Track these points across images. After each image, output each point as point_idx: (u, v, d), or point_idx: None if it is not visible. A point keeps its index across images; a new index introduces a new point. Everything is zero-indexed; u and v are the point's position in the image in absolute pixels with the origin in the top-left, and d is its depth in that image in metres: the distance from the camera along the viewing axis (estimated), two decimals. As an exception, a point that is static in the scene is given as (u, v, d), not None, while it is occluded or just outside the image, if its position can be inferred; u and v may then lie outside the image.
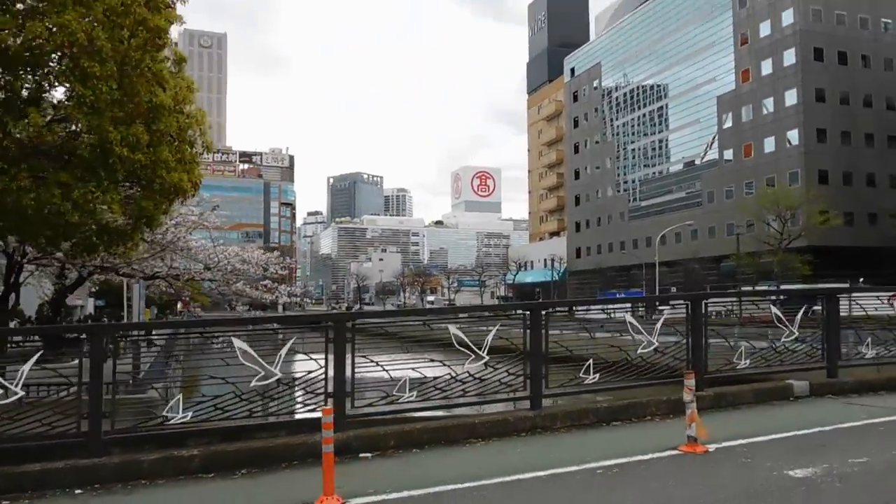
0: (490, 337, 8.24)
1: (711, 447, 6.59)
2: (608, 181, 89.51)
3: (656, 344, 9.12)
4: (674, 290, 65.18)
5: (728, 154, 70.61)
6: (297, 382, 7.63)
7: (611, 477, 5.99)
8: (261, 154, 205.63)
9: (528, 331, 8.43)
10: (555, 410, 8.46)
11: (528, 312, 8.59)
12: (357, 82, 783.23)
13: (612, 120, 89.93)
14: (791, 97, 63.34)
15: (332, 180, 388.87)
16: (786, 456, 6.28)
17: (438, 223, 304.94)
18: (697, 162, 74.99)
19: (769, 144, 65.68)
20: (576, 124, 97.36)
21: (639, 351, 9.06)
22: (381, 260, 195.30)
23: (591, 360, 8.72)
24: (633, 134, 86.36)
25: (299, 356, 7.63)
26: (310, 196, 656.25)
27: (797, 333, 10.08)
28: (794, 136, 63.31)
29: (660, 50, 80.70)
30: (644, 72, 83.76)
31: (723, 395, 9.16)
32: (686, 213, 72.48)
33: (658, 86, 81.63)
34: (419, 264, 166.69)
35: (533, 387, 8.37)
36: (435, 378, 8.09)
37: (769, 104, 65.58)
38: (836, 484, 5.37)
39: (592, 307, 12.85)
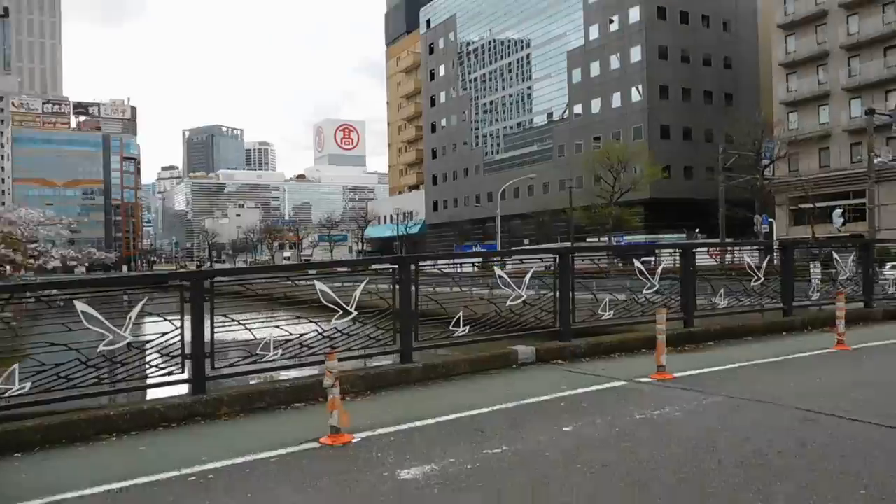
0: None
1: (359, 436, 5.64)
2: (464, 134, 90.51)
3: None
4: (527, 242, 67.22)
5: (578, 108, 73.02)
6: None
7: (204, 485, 4.77)
8: (98, 105, 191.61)
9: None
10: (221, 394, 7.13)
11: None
12: (218, 33, 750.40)
13: (467, 73, 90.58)
14: (636, 54, 66.12)
15: (188, 133, 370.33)
16: (425, 447, 5.33)
17: (301, 177, 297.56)
18: (557, 116, 77.10)
19: (616, 100, 68.47)
20: (432, 77, 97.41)
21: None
22: (238, 216, 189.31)
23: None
24: (488, 88, 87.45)
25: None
26: (166, 150, 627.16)
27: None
28: (637, 92, 66.31)
29: (514, 4, 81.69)
30: (498, 25, 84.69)
31: (434, 366, 8.14)
32: (539, 167, 74.62)
33: (512, 40, 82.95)
34: (278, 220, 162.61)
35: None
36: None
37: (616, 60, 68.14)
38: (433, 491, 4.40)
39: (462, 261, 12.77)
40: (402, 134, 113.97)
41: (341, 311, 7.66)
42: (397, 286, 8.17)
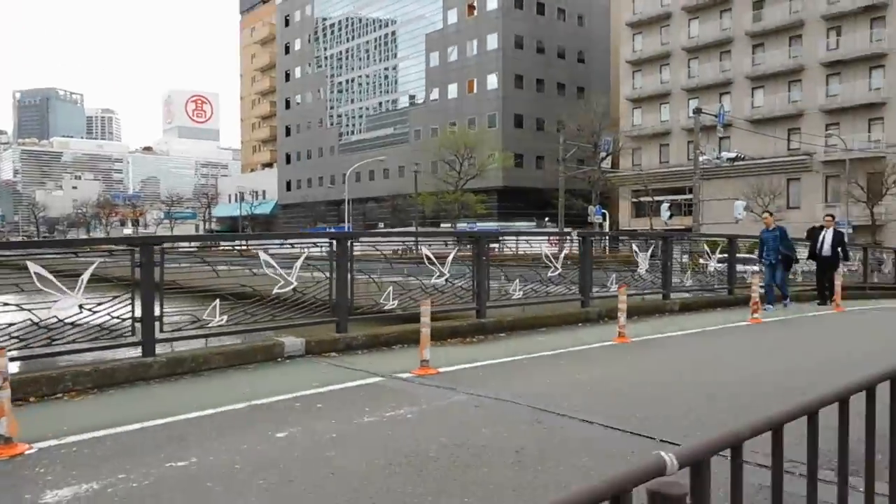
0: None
1: (38, 446, 4.85)
2: (320, 113, 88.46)
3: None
4: (381, 226, 66.73)
5: (435, 93, 73.02)
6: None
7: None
8: None
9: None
10: None
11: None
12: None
13: (324, 49, 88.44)
14: (493, 41, 66.77)
15: (18, 95, 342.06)
16: (103, 459, 4.60)
17: (147, 150, 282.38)
18: (414, 100, 76.67)
19: (472, 86, 69.00)
20: (287, 50, 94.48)
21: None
22: (74, 188, 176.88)
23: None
24: (345, 66, 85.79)
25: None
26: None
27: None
28: (493, 79, 67.07)
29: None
30: (357, 2, 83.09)
31: (181, 360, 7.35)
32: (395, 150, 74.21)
33: (371, 18, 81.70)
34: (119, 195, 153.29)
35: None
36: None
37: (473, 46, 68.58)
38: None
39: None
40: (256, 109, 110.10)
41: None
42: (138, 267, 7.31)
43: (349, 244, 8.98)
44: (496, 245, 13.65)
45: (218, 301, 7.89)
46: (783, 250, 14.22)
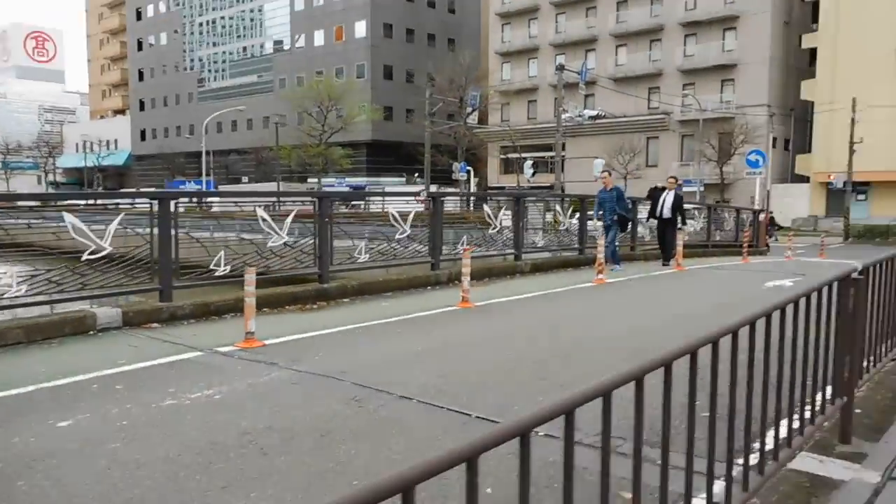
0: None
1: None
2: (177, 56, 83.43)
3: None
4: (245, 180, 64.39)
5: (301, 40, 70.47)
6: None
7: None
8: None
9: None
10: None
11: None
12: None
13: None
14: (360, -15, 64.97)
15: None
16: None
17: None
18: (279, 46, 73.61)
19: (339, 34, 67.01)
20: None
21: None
22: None
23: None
24: (205, 5, 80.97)
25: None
26: None
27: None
28: (362, 27, 65.40)
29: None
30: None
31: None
32: (259, 99, 71.40)
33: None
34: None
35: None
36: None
37: (339, -10, 66.54)
38: None
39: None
40: (105, 49, 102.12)
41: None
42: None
43: (169, 204, 8.29)
44: (360, 203, 13.30)
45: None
46: (619, 211, 14.19)
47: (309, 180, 61.29)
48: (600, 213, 14.31)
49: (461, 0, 72.52)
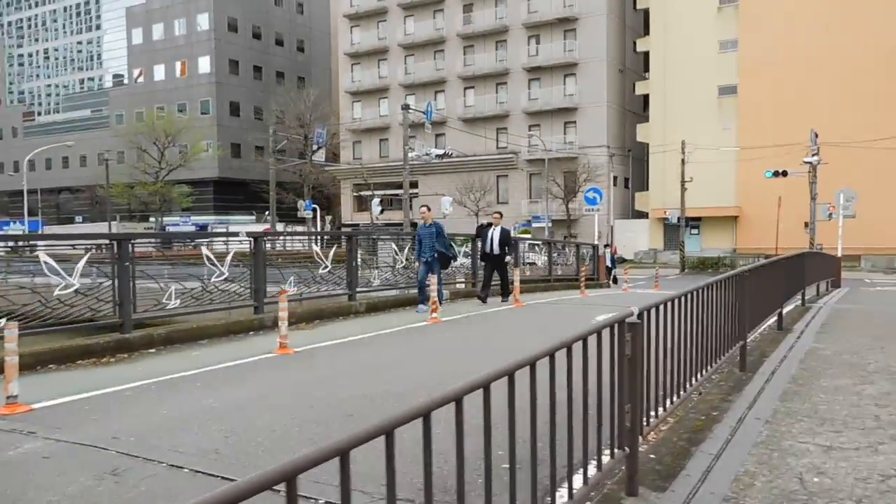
0: None
1: None
2: (-1, 88, 77.74)
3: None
4: (79, 219, 60.29)
5: (141, 75, 67.46)
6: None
7: None
8: None
9: None
10: None
11: None
12: None
13: (2, 15, 77.65)
14: (204, 21, 63.11)
15: None
16: None
17: None
18: (116, 80, 70.01)
19: (180, 69, 64.69)
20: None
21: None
22: None
23: None
24: (29, 36, 75.96)
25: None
26: None
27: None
28: (206, 63, 63.47)
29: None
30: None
31: None
32: (94, 135, 67.39)
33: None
34: None
35: None
36: None
37: (181, 25, 64.28)
38: None
39: None
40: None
41: None
42: None
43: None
44: (197, 242, 12.32)
45: None
46: (438, 248, 13.40)
47: (151, 219, 58.16)
48: (419, 250, 13.52)
49: (311, 39, 72.04)
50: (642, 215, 55.36)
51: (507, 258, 15.26)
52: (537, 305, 15.07)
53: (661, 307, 4.44)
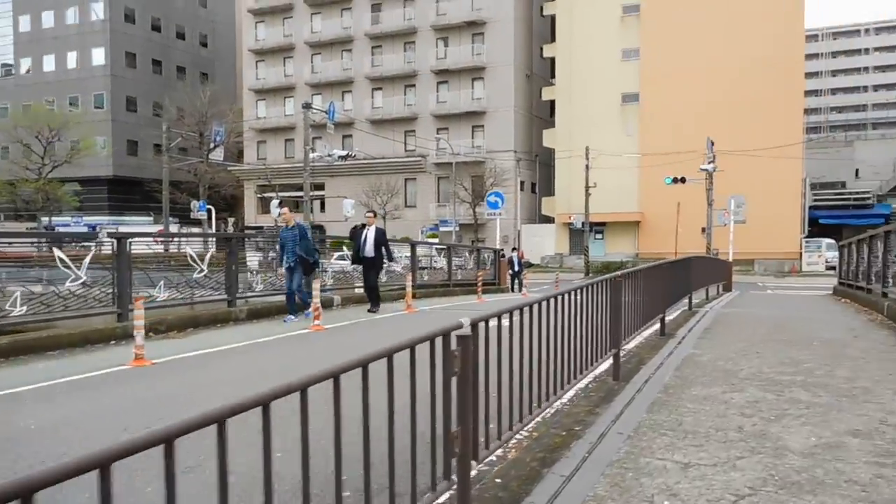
0: None
1: None
2: None
3: None
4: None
5: (26, 63, 63.78)
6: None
7: None
8: None
9: None
10: None
11: None
12: None
13: None
14: (99, 10, 60.25)
15: None
16: None
17: None
18: (12, 70, 65.88)
19: (73, 60, 61.55)
20: None
21: None
22: None
23: None
24: None
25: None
26: None
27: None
28: (100, 55, 60.59)
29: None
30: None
31: None
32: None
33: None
34: None
35: None
36: None
37: (73, 14, 61.18)
38: None
39: None
40: None
41: None
42: None
43: None
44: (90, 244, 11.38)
45: None
46: (300, 252, 12.46)
47: (42, 219, 55.00)
48: (283, 255, 12.60)
49: (215, 34, 69.85)
50: (549, 220, 56.05)
51: (387, 263, 14.66)
52: (432, 311, 14.73)
53: (508, 316, 4.10)
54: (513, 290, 27.60)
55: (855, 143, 76.16)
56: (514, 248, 34.10)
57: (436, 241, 47.74)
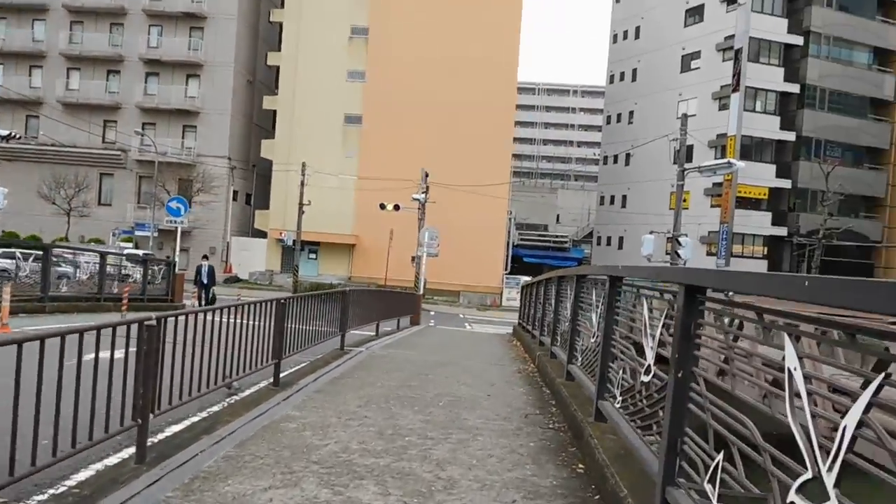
0: None
1: None
2: None
3: None
4: None
5: None
6: None
7: None
8: None
9: None
10: None
11: None
12: None
13: None
14: None
15: None
16: None
17: None
18: None
19: None
20: None
21: None
22: None
23: None
24: None
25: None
26: None
27: None
28: None
29: None
30: None
31: None
32: None
33: None
34: None
35: None
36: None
37: None
38: None
39: None
40: None
41: None
42: None
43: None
44: None
45: None
46: None
47: None
48: None
49: None
50: (262, 234, 53.19)
51: None
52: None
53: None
54: (201, 303, 24.51)
55: (559, 191, 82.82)
56: (204, 256, 30.68)
57: (129, 244, 42.84)
